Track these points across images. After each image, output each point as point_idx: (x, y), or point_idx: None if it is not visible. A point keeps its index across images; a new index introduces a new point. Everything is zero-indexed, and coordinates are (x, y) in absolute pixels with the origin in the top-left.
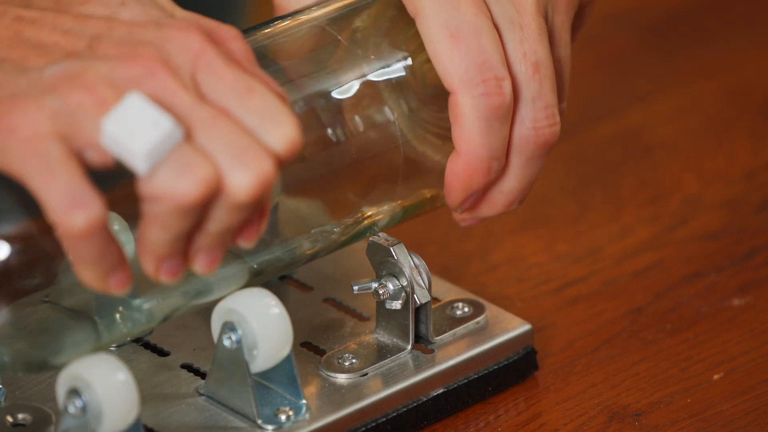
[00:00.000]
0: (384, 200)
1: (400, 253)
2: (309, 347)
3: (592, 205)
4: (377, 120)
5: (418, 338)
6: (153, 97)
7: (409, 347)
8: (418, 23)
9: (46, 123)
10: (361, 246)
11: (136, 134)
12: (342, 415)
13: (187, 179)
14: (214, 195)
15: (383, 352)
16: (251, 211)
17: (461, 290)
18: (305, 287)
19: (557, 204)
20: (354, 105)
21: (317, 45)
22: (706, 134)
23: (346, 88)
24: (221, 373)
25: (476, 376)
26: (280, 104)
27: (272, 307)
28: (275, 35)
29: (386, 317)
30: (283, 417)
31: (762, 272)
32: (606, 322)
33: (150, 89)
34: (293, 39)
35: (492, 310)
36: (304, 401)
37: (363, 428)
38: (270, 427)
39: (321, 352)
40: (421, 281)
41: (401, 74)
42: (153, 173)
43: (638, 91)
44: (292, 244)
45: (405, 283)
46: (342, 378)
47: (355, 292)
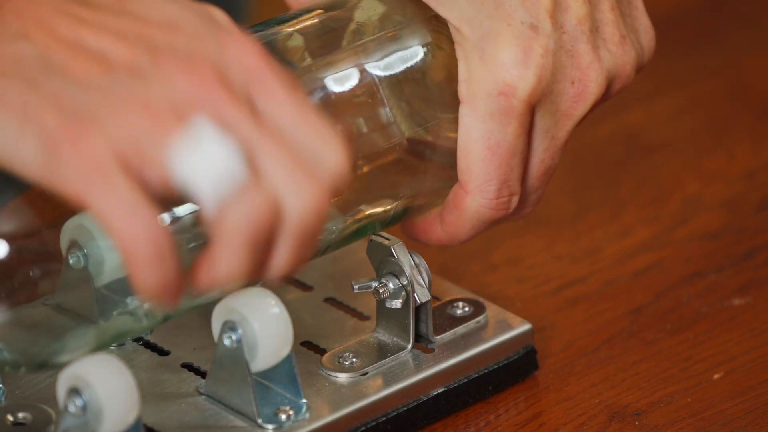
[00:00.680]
0: (384, 199)
1: (401, 252)
2: (309, 346)
3: (592, 205)
4: (378, 119)
5: (419, 337)
6: (214, 121)
7: (410, 346)
8: (464, 110)
9: (109, 150)
10: (361, 245)
11: (202, 165)
12: (342, 415)
13: (246, 213)
14: (274, 224)
15: (383, 352)
16: (316, 235)
17: (461, 289)
18: (305, 287)
19: (557, 204)
20: (355, 103)
21: (322, 42)
22: (706, 134)
23: (348, 86)
24: (221, 373)
25: (476, 376)
26: (331, 130)
27: (272, 307)
28: (281, 32)
29: (386, 316)
30: (284, 416)
31: (762, 272)
32: (606, 322)
33: (211, 114)
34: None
35: (492, 310)
36: (305, 400)
37: (363, 427)
38: (270, 427)
39: (321, 352)
40: (422, 280)
41: (402, 71)
42: (217, 204)
43: (638, 91)
44: None
45: (405, 282)
46: (342, 377)
47: (355, 291)
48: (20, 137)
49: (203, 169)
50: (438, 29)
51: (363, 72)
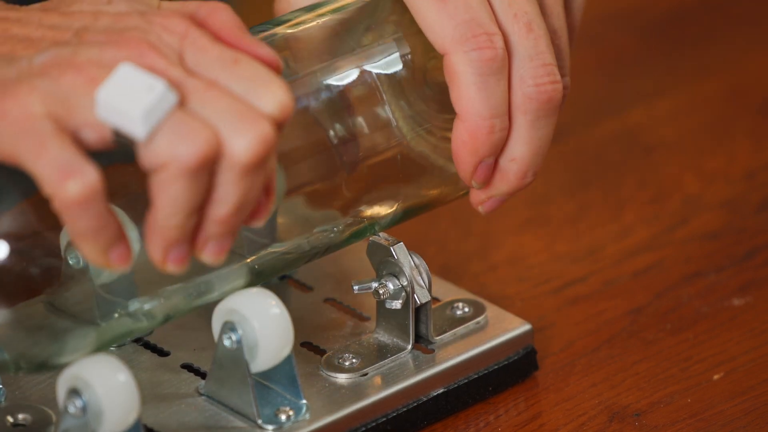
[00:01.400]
0: (384, 200)
1: (401, 253)
2: (309, 347)
3: (592, 205)
4: (377, 119)
5: (419, 338)
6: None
7: (410, 347)
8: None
9: (38, 104)
10: (361, 246)
11: (131, 99)
12: (342, 415)
13: (188, 141)
14: (217, 160)
15: (383, 352)
16: (258, 182)
17: (461, 290)
18: (305, 287)
19: (557, 204)
20: (354, 104)
21: (315, 44)
22: (706, 134)
23: (347, 87)
24: (221, 373)
25: (476, 376)
26: (267, 71)
27: (273, 307)
28: (274, 35)
29: (386, 317)
30: (284, 417)
31: (762, 272)
32: (606, 322)
33: (138, 63)
34: (293, 38)
35: (492, 310)
36: (304, 401)
37: (363, 428)
38: (270, 427)
39: (321, 352)
40: (422, 281)
41: (402, 72)
42: (152, 139)
43: (638, 91)
44: (293, 244)
45: (405, 283)
46: (342, 378)
47: (356, 292)
48: None
49: (134, 105)
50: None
51: (362, 73)
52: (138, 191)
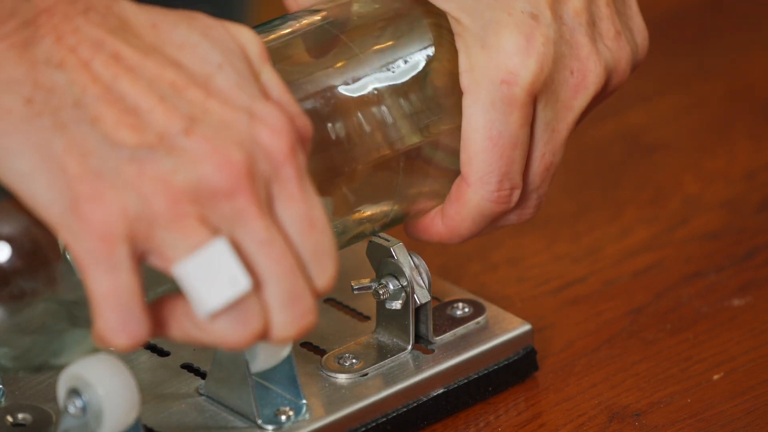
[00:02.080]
0: (384, 200)
1: (400, 253)
2: (309, 347)
3: (592, 205)
4: (378, 120)
5: (418, 338)
6: (231, 223)
7: (409, 347)
8: (466, 100)
9: (122, 225)
10: (361, 246)
11: (212, 285)
12: (342, 415)
13: (241, 332)
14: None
15: (383, 352)
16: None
17: (461, 290)
18: None
19: (557, 204)
20: (355, 105)
21: (318, 45)
22: (706, 134)
23: (348, 89)
24: (221, 373)
25: (476, 376)
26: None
27: None
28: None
29: (386, 317)
30: (284, 417)
31: (762, 272)
32: (606, 322)
33: (230, 211)
34: (297, 38)
35: (492, 310)
36: (304, 401)
37: (363, 428)
38: (270, 427)
39: (321, 352)
40: (421, 281)
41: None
42: (212, 320)
43: (638, 91)
44: None
45: (405, 283)
46: (342, 378)
47: (355, 292)
48: (39, 175)
49: (212, 295)
50: (438, 24)
51: (363, 75)
52: None
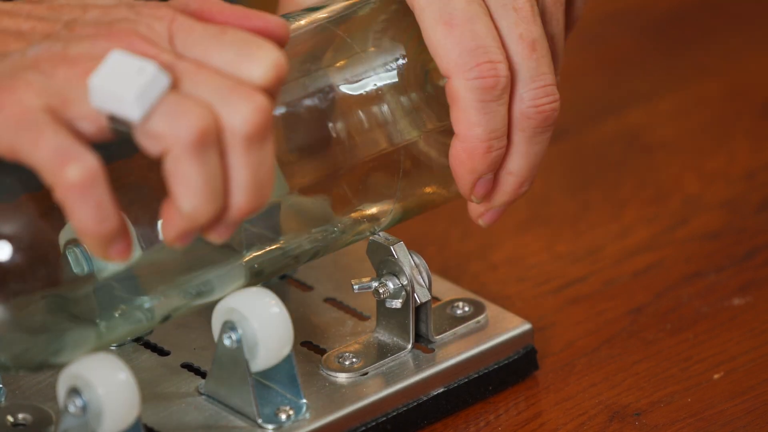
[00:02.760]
0: (384, 199)
1: (401, 252)
2: (309, 346)
3: (592, 205)
4: (378, 119)
5: (419, 337)
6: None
7: (410, 346)
8: (416, 15)
9: (34, 98)
10: (361, 245)
11: (123, 83)
12: (342, 415)
13: (184, 119)
14: (219, 139)
15: (383, 352)
16: (266, 156)
17: (461, 289)
18: (305, 287)
19: (557, 204)
20: (354, 104)
21: (318, 44)
22: (706, 134)
23: (347, 87)
24: (221, 373)
25: (476, 376)
26: (254, 36)
27: (272, 307)
28: None
29: (386, 316)
30: (284, 416)
31: (762, 272)
32: (606, 322)
33: (129, 50)
34: (294, 38)
35: (492, 310)
36: (305, 400)
37: (363, 427)
38: (270, 427)
39: (321, 352)
40: (422, 280)
41: (402, 72)
42: (148, 121)
43: (638, 91)
44: (293, 244)
45: (405, 282)
46: (342, 377)
47: (355, 291)
48: None
49: (126, 89)
50: None
51: (363, 73)
52: (138, 188)
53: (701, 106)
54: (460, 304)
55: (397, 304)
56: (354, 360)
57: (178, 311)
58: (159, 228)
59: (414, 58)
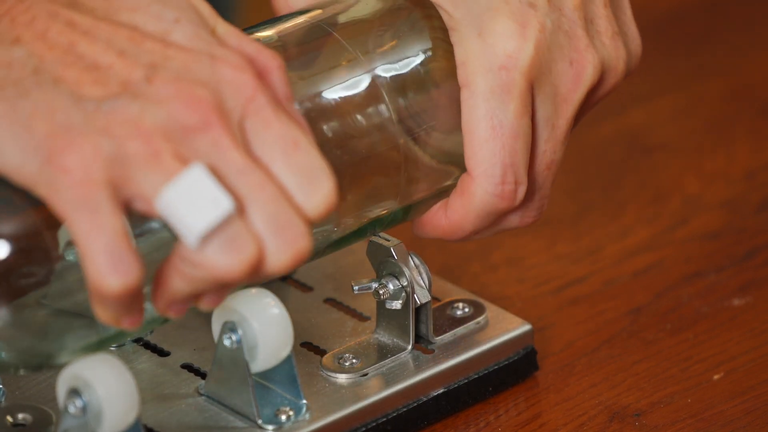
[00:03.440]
0: (384, 200)
1: (400, 253)
2: (309, 347)
3: (592, 205)
4: (378, 120)
5: (419, 338)
6: (206, 156)
7: (410, 347)
8: (464, 94)
9: (100, 169)
10: (361, 246)
11: (195, 210)
12: (342, 415)
13: (234, 258)
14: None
15: (383, 352)
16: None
17: (461, 290)
18: (305, 287)
19: (557, 204)
20: (355, 105)
21: (317, 45)
22: (706, 134)
23: (347, 88)
24: (221, 373)
25: (476, 376)
26: (321, 162)
27: (272, 307)
28: (276, 35)
29: (386, 317)
30: (284, 417)
31: (762, 272)
32: (606, 322)
33: (204, 145)
34: (294, 39)
35: (492, 310)
36: (305, 401)
37: (363, 428)
38: (270, 427)
39: (321, 352)
40: (422, 281)
41: (403, 73)
42: (203, 246)
43: (638, 91)
44: None
45: (405, 283)
46: (342, 378)
47: (355, 292)
48: (9, 141)
49: (197, 219)
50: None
51: (363, 75)
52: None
53: (701, 106)
54: (460, 305)
55: (397, 305)
56: (354, 361)
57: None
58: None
59: (415, 59)
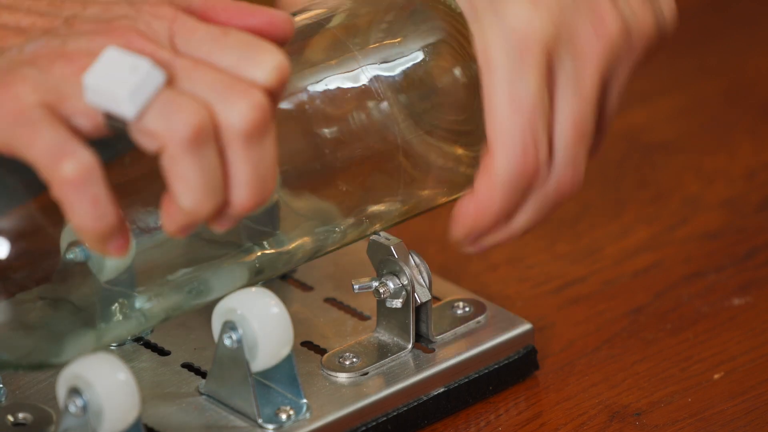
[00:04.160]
0: (385, 199)
1: (401, 252)
2: (309, 346)
3: (592, 205)
4: (379, 119)
5: (419, 337)
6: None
7: (410, 346)
8: (485, 75)
9: (30, 94)
10: (362, 245)
11: (117, 80)
12: (342, 415)
13: (178, 115)
14: (216, 135)
15: (384, 351)
16: (266, 154)
17: (462, 289)
18: (305, 287)
19: None
20: (356, 103)
21: (319, 43)
22: (707, 134)
23: (348, 87)
24: (222, 373)
25: (477, 376)
26: (257, 39)
27: (272, 307)
28: None
29: (387, 316)
30: (284, 416)
31: (762, 272)
32: (606, 322)
33: (126, 46)
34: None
35: (492, 310)
36: (305, 400)
37: (363, 427)
38: (271, 427)
39: (321, 352)
40: (422, 280)
41: (404, 73)
42: (143, 118)
43: (638, 91)
44: (293, 243)
45: (405, 282)
46: (342, 377)
47: (356, 291)
48: None
49: (120, 86)
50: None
51: (364, 73)
52: (136, 184)
53: (701, 106)
54: (461, 304)
55: (398, 304)
56: (354, 360)
57: (179, 311)
58: (159, 226)
59: (415, 58)
